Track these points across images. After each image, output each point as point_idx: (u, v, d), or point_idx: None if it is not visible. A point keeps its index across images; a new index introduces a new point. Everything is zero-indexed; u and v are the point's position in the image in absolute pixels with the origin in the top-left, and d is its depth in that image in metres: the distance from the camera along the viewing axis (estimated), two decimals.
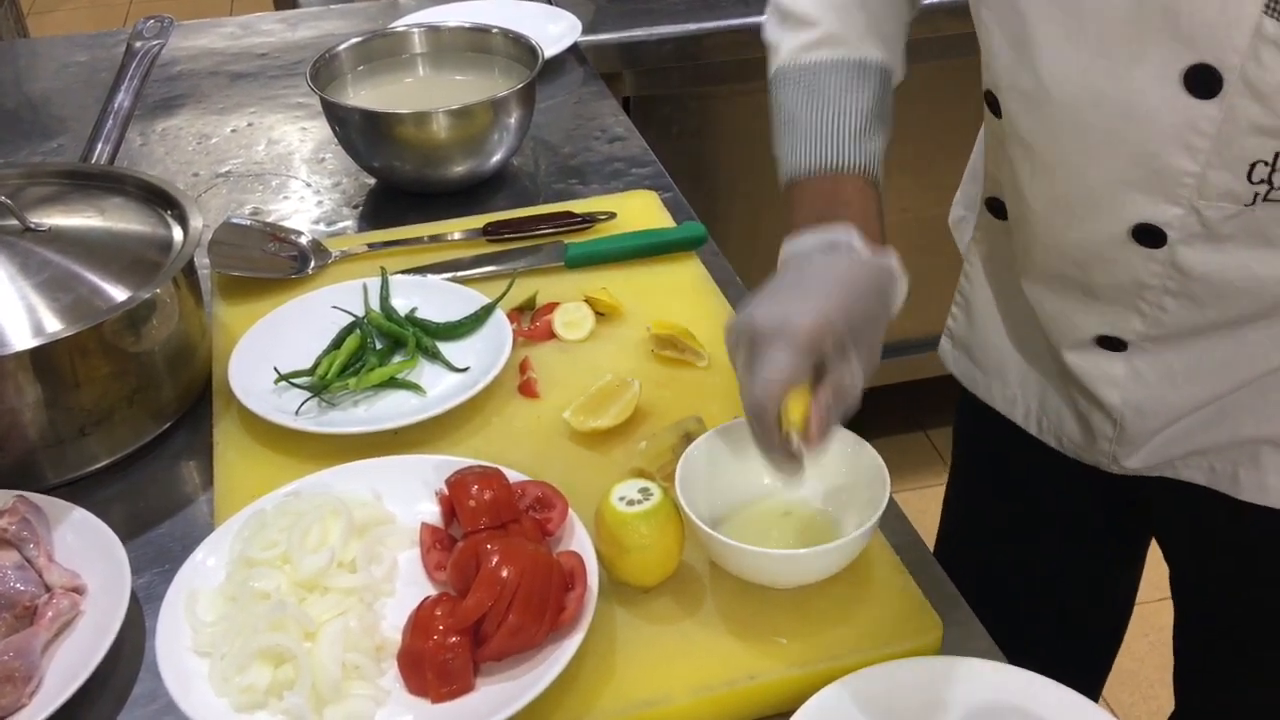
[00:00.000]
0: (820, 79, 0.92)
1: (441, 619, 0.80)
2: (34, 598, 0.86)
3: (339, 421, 1.02)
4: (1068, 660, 1.05)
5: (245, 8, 4.56)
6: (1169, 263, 0.86)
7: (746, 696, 0.81)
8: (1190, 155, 0.80)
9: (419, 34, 1.49)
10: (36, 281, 0.99)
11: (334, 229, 1.36)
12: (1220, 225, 0.82)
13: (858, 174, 0.90)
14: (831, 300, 0.80)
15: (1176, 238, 0.84)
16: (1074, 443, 1.04)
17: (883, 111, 0.92)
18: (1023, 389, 1.07)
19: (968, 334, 1.11)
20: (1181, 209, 0.83)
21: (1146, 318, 0.90)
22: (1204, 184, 0.81)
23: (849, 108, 0.91)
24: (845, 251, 0.85)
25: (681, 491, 0.85)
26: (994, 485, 1.23)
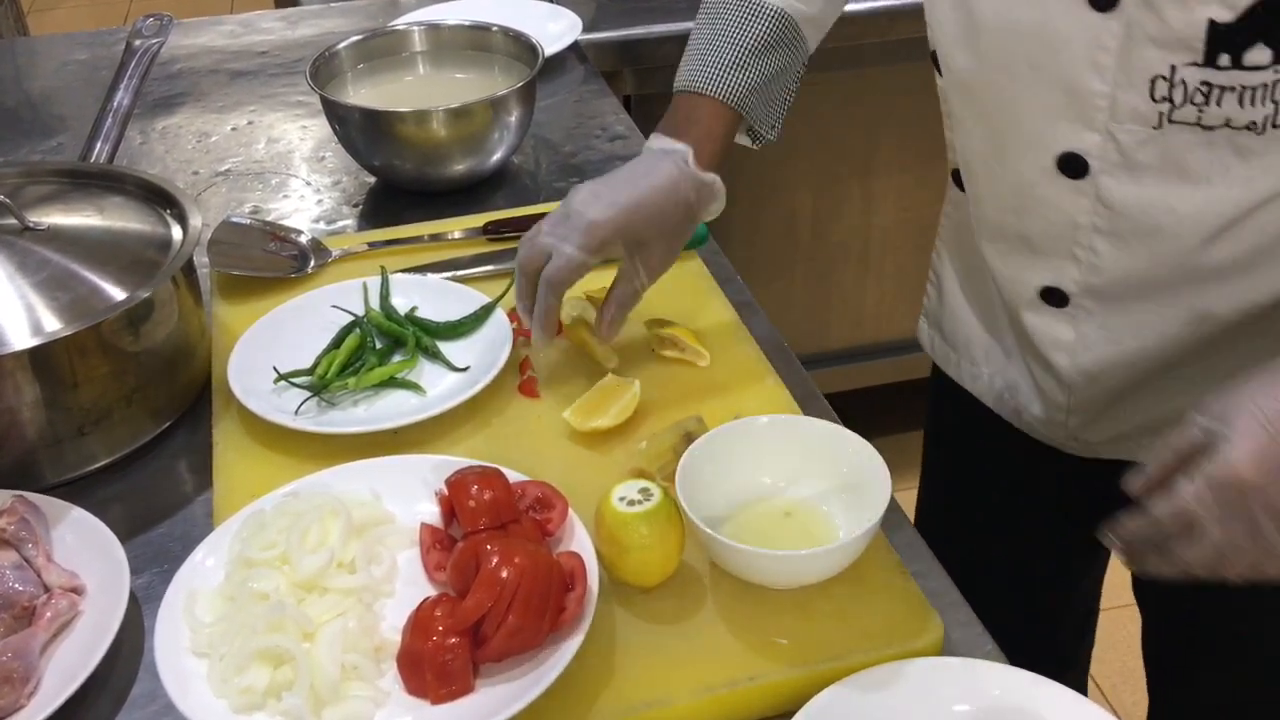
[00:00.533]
0: (720, 11, 1.05)
1: (441, 620, 0.79)
2: (33, 598, 0.86)
3: (338, 421, 1.02)
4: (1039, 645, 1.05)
5: (246, 5, 4.56)
6: (1094, 196, 0.89)
7: (747, 697, 0.81)
8: (1099, 75, 0.84)
9: (419, 32, 1.49)
10: (35, 280, 0.99)
11: (334, 228, 1.36)
12: (1135, 152, 0.86)
13: (717, 99, 1.02)
14: (635, 206, 0.96)
15: (1098, 167, 0.88)
16: (1033, 416, 1.06)
17: (769, 49, 1.03)
18: (987, 364, 1.10)
19: (939, 310, 1.15)
20: (1099, 135, 0.87)
21: (1082, 264, 0.93)
22: (1115, 106, 0.85)
23: (729, 41, 1.02)
24: (672, 160, 0.99)
25: (682, 492, 0.85)
26: (963, 466, 1.26)
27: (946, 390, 1.17)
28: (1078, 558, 1.26)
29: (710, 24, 1.05)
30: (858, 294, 2.24)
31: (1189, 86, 0.81)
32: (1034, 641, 0.99)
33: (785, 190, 2.07)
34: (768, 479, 0.92)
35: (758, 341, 1.11)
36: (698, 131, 1.01)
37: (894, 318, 2.28)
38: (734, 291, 1.18)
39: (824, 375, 2.24)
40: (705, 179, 1.01)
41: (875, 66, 1.99)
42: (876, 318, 2.27)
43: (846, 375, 2.29)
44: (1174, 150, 0.85)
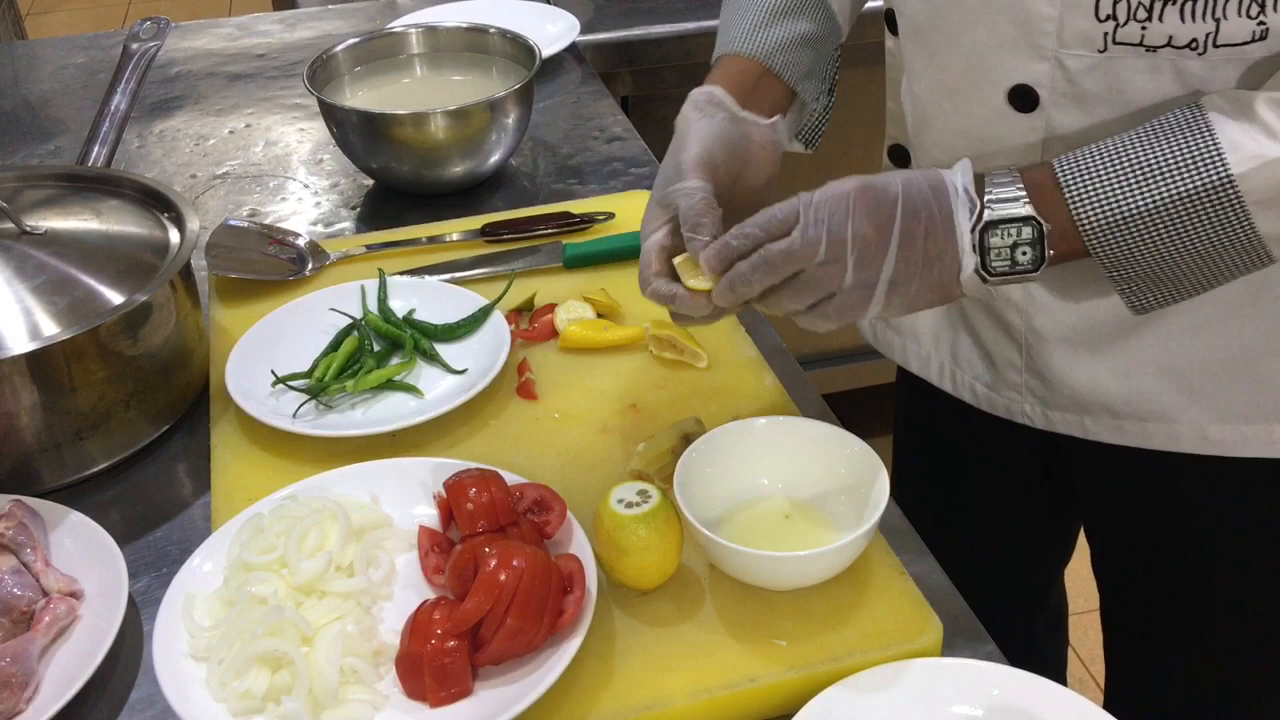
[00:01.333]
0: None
1: (439, 622, 0.79)
2: (31, 602, 0.86)
3: (336, 424, 1.02)
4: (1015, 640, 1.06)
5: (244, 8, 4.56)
6: (1045, 130, 0.90)
7: (746, 699, 0.80)
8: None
9: (416, 34, 1.49)
10: (33, 285, 0.99)
11: (332, 230, 1.36)
12: (1082, 79, 0.87)
13: (746, 57, 0.99)
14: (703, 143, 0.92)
15: (1047, 98, 0.89)
16: (987, 387, 1.07)
17: (786, 13, 1.00)
18: (935, 345, 1.10)
19: None
20: (1047, 64, 0.87)
21: None
22: (1062, 29, 0.85)
23: (748, 9, 1.01)
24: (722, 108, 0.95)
25: (680, 493, 0.85)
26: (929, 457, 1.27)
27: (905, 386, 1.18)
28: (1050, 550, 1.28)
29: (731, 3, 1.04)
30: None
31: (1132, 2, 0.82)
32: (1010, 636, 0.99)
33: (784, 191, 2.07)
34: (766, 480, 0.92)
35: (755, 343, 1.11)
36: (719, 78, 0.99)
37: None
38: None
39: (822, 376, 2.23)
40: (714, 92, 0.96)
41: (874, 67, 1.98)
42: None
43: (844, 376, 2.29)
44: (1119, 76, 0.85)
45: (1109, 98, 0.87)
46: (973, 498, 1.24)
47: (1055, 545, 1.30)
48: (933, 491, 1.28)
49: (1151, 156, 0.81)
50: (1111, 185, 0.81)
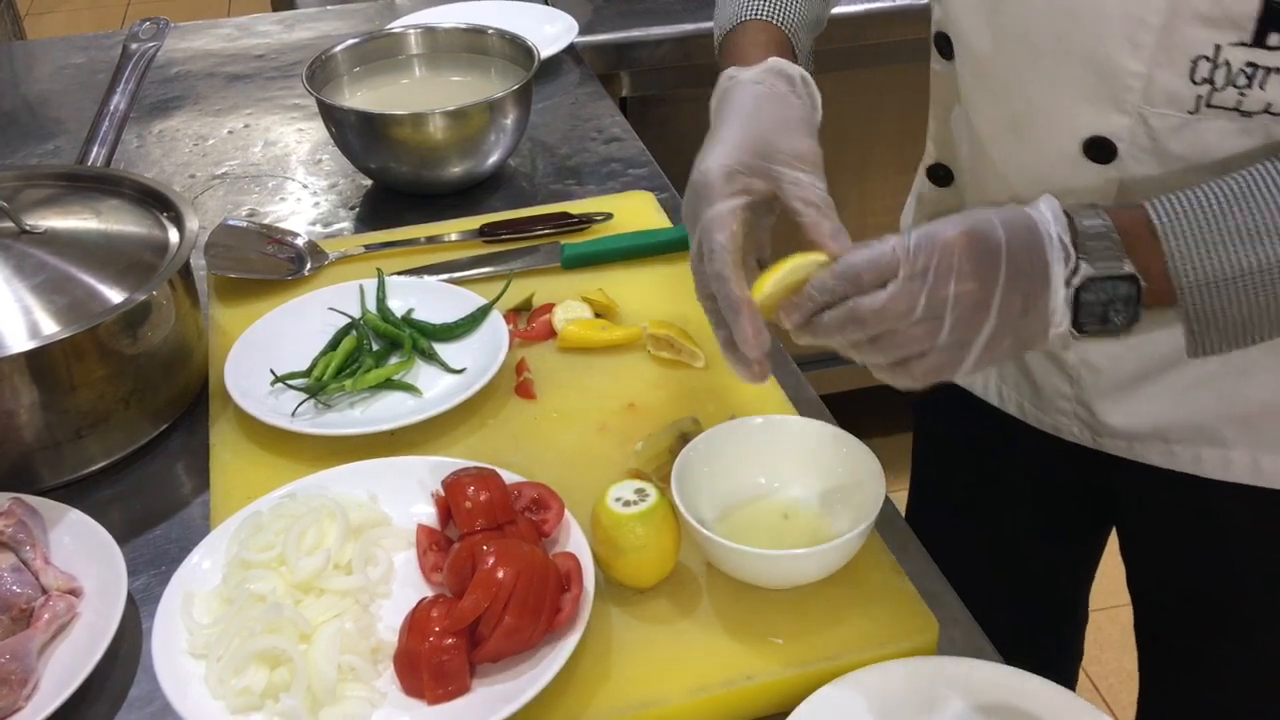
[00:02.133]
0: None
1: (438, 620, 0.80)
2: (30, 600, 0.86)
3: (335, 423, 1.02)
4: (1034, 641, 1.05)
5: (242, 9, 4.56)
6: (1119, 182, 0.87)
7: (743, 697, 0.81)
8: (1136, 53, 0.80)
9: (415, 35, 1.49)
10: (33, 284, 0.99)
11: (330, 230, 1.36)
12: (1167, 138, 0.83)
13: (773, 23, 0.94)
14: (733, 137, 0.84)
15: (1126, 151, 0.85)
16: (1034, 406, 1.04)
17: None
18: None
19: None
20: (1129, 118, 0.83)
21: None
22: (1150, 87, 0.81)
23: None
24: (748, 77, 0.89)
25: (678, 492, 0.85)
26: (955, 465, 1.24)
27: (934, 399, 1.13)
28: (1071, 557, 1.26)
29: None
30: None
31: (1233, 68, 0.78)
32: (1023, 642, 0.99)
33: None
34: (763, 479, 0.92)
35: None
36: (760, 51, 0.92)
37: None
38: None
39: (819, 376, 2.23)
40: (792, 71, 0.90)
41: (871, 68, 1.99)
42: None
43: (841, 376, 2.28)
44: (1207, 137, 0.82)
45: (1192, 155, 0.83)
46: (1001, 507, 1.21)
47: (1086, 557, 1.27)
48: (955, 498, 1.25)
49: (1256, 220, 0.75)
50: (1213, 245, 0.75)
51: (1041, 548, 1.23)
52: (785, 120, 0.86)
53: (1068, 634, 1.36)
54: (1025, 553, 1.23)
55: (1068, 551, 1.25)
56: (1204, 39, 0.78)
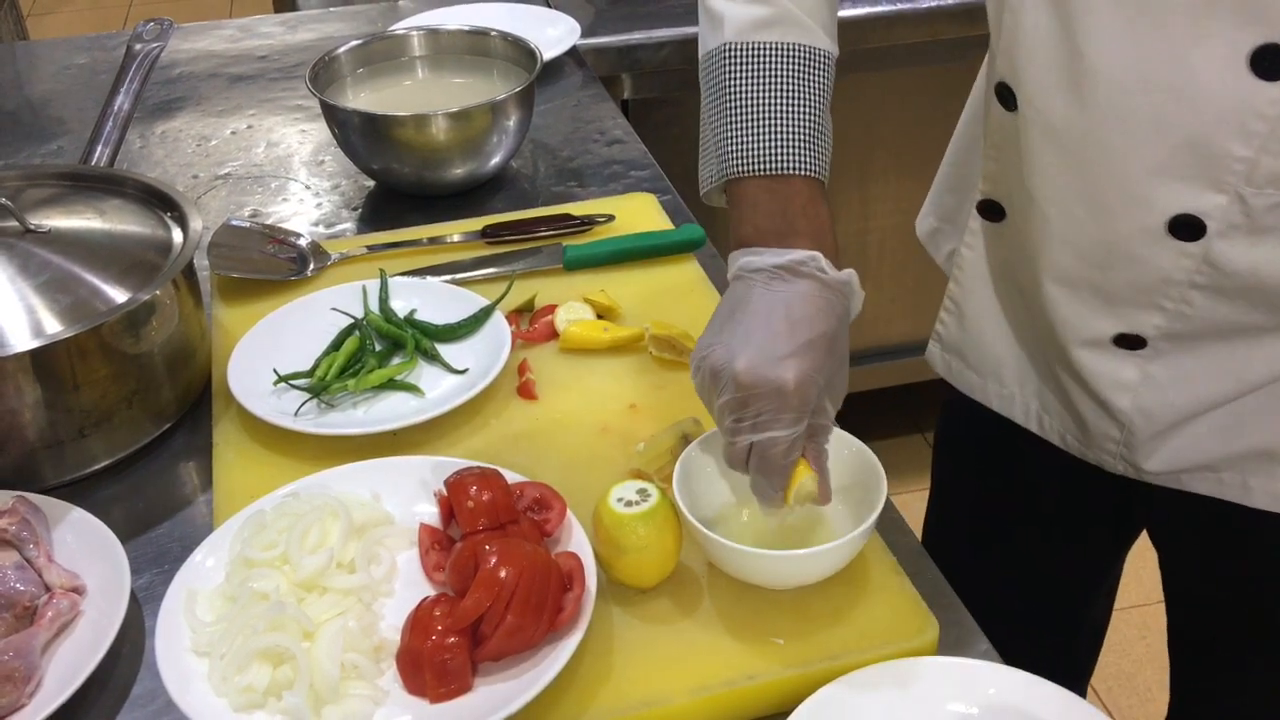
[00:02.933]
0: (772, 63, 0.87)
1: (440, 619, 0.80)
2: (34, 598, 0.86)
3: (338, 423, 1.02)
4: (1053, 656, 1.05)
5: (244, 10, 4.56)
6: (1202, 257, 0.84)
7: (744, 697, 0.81)
8: (1245, 140, 0.78)
9: (418, 37, 1.50)
10: (37, 283, 0.99)
11: (333, 231, 1.36)
12: (1264, 215, 0.81)
13: (813, 176, 0.86)
14: (814, 350, 0.80)
15: (1215, 229, 0.82)
16: (1078, 440, 1.02)
17: (828, 107, 0.89)
18: (1020, 388, 1.05)
19: (959, 338, 1.09)
20: (1226, 196, 0.80)
21: (1169, 313, 0.88)
22: (1254, 169, 0.79)
23: (804, 102, 0.87)
24: (809, 277, 0.83)
25: (679, 493, 0.86)
26: (982, 482, 1.22)
27: (960, 404, 1.11)
28: (1096, 570, 1.25)
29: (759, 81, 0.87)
30: None
31: None
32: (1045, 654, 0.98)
33: None
34: None
35: None
36: (813, 228, 0.85)
37: (891, 322, 2.29)
38: None
39: None
40: (844, 278, 0.85)
41: (872, 72, 2.00)
42: (874, 322, 2.28)
43: None
44: None
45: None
46: (1025, 523, 1.19)
47: (1108, 570, 1.26)
48: (979, 512, 1.23)
49: None
50: None
51: (1065, 563, 1.22)
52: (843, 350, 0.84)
53: (1091, 648, 1.35)
54: (1047, 568, 1.22)
55: (1092, 566, 1.24)
56: None
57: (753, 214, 0.87)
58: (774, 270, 0.83)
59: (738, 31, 0.89)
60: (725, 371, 0.80)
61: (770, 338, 0.80)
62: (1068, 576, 1.24)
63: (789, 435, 0.79)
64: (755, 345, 0.80)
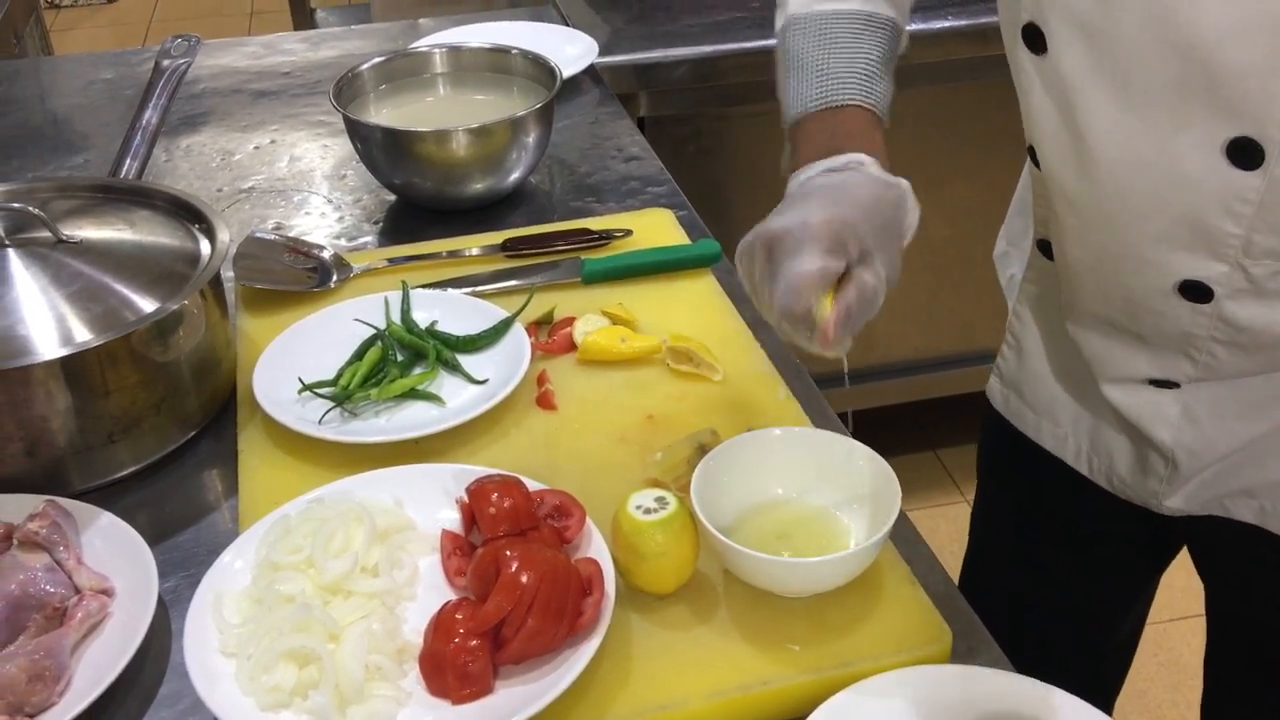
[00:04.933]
0: (830, 26, 0.94)
1: (462, 623, 0.81)
2: (64, 599, 0.88)
3: (361, 431, 1.04)
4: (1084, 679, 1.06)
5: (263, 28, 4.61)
6: (1216, 316, 0.87)
7: (760, 701, 0.82)
8: (1234, 220, 0.80)
9: (440, 54, 1.52)
10: (68, 292, 1.01)
11: (355, 244, 1.38)
12: (1267, 281, 0.83)
13: (869, 107, 0.91)
14: (845, 206, 0.82)
15: (1223, 293, 0.85)
16: (1124, 482, 1.04)
17: (889, 62, 0.94)
18: (1074, 428, 1.06)
19: (1018, 373, 1.10)
20: (1227, 266, 0.83)
21: (1198, 364, 0.91)
22: (1249, 245, 0.81)
23: (858, 52, 0.92)
24: (855, 169, 0.86)
25: (697, 500, 0.87)
26: (1025, 516, 1.22)
27: (1008, 434, 1.13)
28: (1131, 594, 1.25)
29: (818, 42, 0.95)
30: None
31: None
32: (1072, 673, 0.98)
33: None
34: (780, 490, 0.94)
35: (770, 358, 1.13)
36: (865, 144, 0.90)
37: (904, 338, 2.30)
38: (747, 309, 1.20)
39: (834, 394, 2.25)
40: (897, 181, 0.89)
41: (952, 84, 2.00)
42: (887, 337, 2.29)
43: (856, 395, 2.31)
44: None
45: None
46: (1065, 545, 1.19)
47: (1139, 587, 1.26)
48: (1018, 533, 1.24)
49: None
50: None
51: (1100, 585, 1.22)
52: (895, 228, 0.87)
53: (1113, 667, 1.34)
54: (1082, 589, 1.22)
55: (1126, 588, 1.24)
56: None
57: (806, 143, 0.90)
58: (825, 171, 0.86)
59: (798, 7, 0.96)
60: (758, 233, 0.83)
61: (807, 206, 0.83)
62: (1101, 598, 1.24)
63: (814, 266, 0.80)
64: (791, 212, 0.83)
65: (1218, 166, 0.78)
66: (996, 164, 2.01)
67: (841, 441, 0.94)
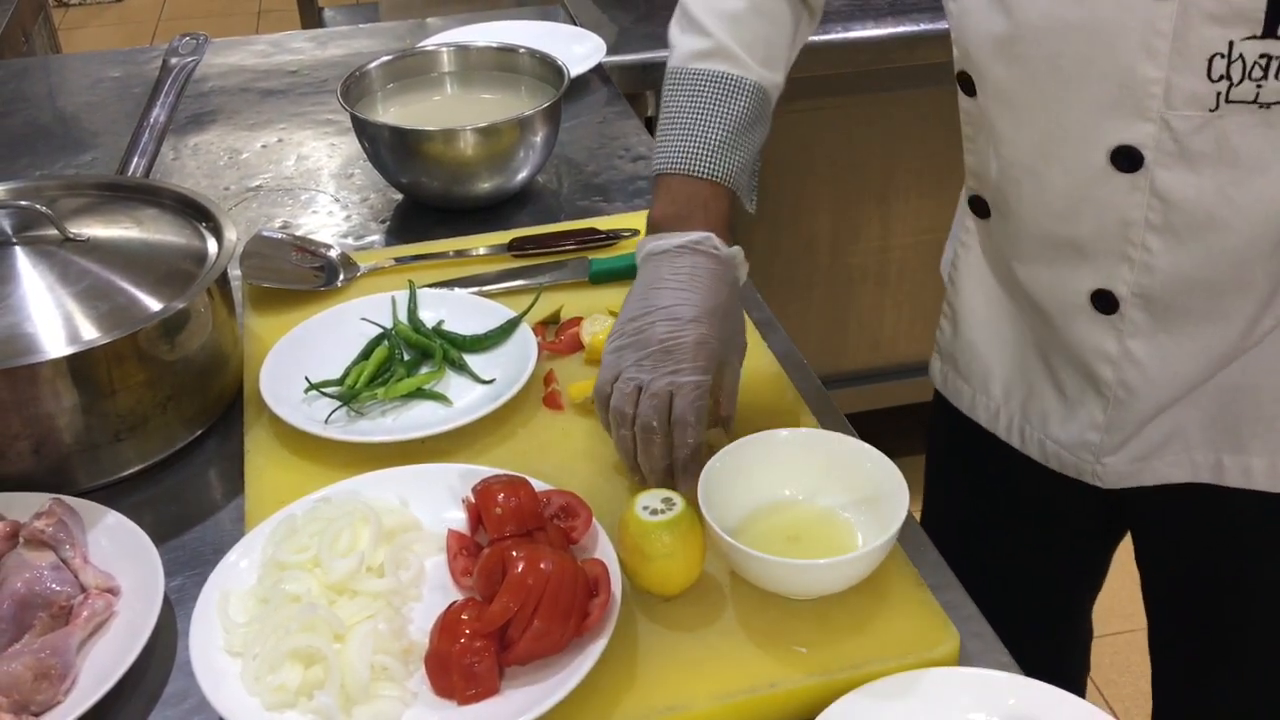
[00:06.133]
0: (702, 88, 1.02)
1: (468, 623, 0.81)
2: (70, 598, 0.88)
3: (367, 430, 1.04)
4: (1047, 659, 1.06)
5: (271, 26, 4.61)
6: (1149, 190, 0.89)
7: (766, 704, 0.82)
8: (1153, 60, 0.84)
9: (448, 53, 1.52)
10: (75, 290, 1.01)
11: (362, 243, 1.38)
12: (1190, 139, 0.86)
13: (718, 181, 0.99)
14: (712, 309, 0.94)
15: (1152, 158, 0.88)
16: (1057, 444, 1.06)
17: (752, 125, 1.01)
18: (1006, 398, 1.09)
19: (953, 345, 1.13)
20: (1153, 124, 0.86)
21: (1135, 264, 0.93)
22: (1170, 91, 0.85)
23: (720, 120, 1.00)
24: (704, 251, 0.96)
25: (704, 502, 0.87)
26: (968, 489, 1.26)
27: (948, 420, 1.17)
28: (1077, 571, 1.27)
29: (689, 100, 1.02)
30: (875, 316, 2.26)
31: (1247, 62, 0.81)
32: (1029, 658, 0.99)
33: (805, 213, 2.09)
34: (788, 491, 0.93)
35: (777, 358, 1.13)
36: (709, 218, 0.99)
37: (911, 339, 2.30)
38: (754, 309, 1.20)
39: (841, 396, 2.25)
40: (733, 254, 0.98)
41: (893, 91, 2.01)
42: (894, 339, 2.29)
43: (863, 396, 2.31)
44: (1230, 134, 0.85)
45: (1219, 154, 0.86)
46: (1011, 528, 1.22)
47: (1091, 575, 1.29)
48: (966, 517, 1.26)
49: None
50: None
51: (1049, 565, 1.25)
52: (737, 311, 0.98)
53: (1075, 650, 1.37)
54: (1032, 570, 1.25)
55: (1075, 567, 1.27)
56: (1217, 37, 0.81)
57: (665, 200, 1.00)
58: (676, 250, 0.96)
59: (680, 59, 1.05)
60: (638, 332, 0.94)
61: (679, 304, 0.94)
62: (1050, 576, 1.26)
63: (694, 382, 0.91)
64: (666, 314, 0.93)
65: (1131, 3, 0.83)
66: None
67: (849, 443, 0.94)
